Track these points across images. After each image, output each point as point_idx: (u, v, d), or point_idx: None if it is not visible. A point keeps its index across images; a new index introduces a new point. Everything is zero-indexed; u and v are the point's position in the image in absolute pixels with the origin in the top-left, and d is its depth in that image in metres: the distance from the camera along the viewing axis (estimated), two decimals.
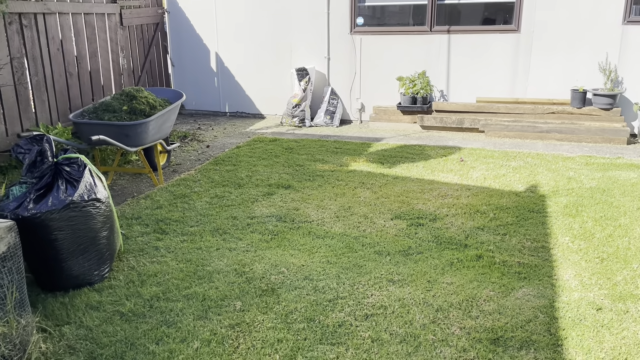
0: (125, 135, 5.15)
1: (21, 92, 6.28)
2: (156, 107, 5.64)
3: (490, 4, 7.55)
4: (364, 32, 8.04)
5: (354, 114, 8.45)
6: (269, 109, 8.96)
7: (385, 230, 4.14)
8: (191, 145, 7.30)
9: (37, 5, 6.40)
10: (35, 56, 6.46)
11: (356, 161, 6.12)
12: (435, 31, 7.66)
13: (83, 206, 3.38)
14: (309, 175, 5.60)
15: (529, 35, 7.26)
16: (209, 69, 9.13)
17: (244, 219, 4.41)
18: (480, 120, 7.26)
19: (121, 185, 5.64)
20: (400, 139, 7.28)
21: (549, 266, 3.53)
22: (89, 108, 5.53)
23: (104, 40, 7.63)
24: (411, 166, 5.88)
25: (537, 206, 4.59)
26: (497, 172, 5.59)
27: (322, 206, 4.67)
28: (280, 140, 7.27)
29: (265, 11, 8.48)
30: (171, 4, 9.04)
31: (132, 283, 3.40)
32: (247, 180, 5.50)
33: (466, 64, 7.63)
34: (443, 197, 4.84)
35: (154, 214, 4.57)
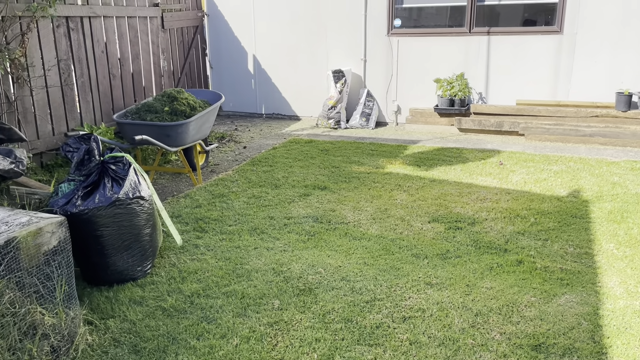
0: (166, 136, 5.27)
1: (67, 93, 6.51)
2: (196, 109, 5.75)
3: (531, 5, 7.41)
4: (401, 33, 8.01)
5: (390, 116, 8.42)
6: (304, 111, 9.02)
7: (423, 233, 4.11)
8: (228, 146, 7.41)
9: (84, 9, 6.62)
10: (81, 58, 6.68)
11: (392, 163, 6.10)
12: (475, 32, 7.57)
13: (128, 204, 3.48)
14: (345, 176, 5.61)
15: (572, 36, 7.09)
16: (246, 71, 9.25)
17: (281, 219, 4.45)
18: (520, 123, 7.12)
19: (161, 184, 5.78)
20: (437, 141, 7.21)
21: (593, 273, 3.44)
22: (131, 109, 5.69)
23: (145, 43, 7.83)
24: (449, 169, 5.82)
25: (580, 211, 4.47)
26: (538, 176, 5.48)
27: (358, 208, 4.68)
28: (315, 141, 7.31)
29: (303, 14, 8.54)
30: (210, 8, 9.20)
31: (174, 279, 3.48)
32: (284, 181, 5.55)
33: (506, 65, 7.51)
34: (482, 201, 4.78)
35: (194, 213, 4.66)
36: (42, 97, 6.17)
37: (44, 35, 6.13)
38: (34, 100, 6.06)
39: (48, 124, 6.26)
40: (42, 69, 6.13)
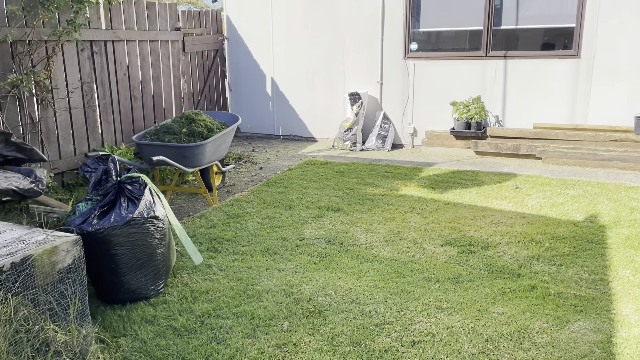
0: (183, 157, 5.37)
1: (89, 114, 6.69)
2: (213, 130, 5.86)
3: (548, 29, 7.42)
4: (418, 57, 8.07)
5: (406, 139, 8.44)
6: (321, 133, 9.10)
7: (435, 257, 4.09)
8: (245, 167, 7.49)
9: (108, 34, 6.83)
10: (103, 81, 6.88)
11: (407, 186, 6.10)
12: (491, 56, 7.59)
13: (142, 223, 3.54)
14: (359, 198, 5.63)
15: (590, 60, 7.07)
16: (264, 94, 9.39)
17: (293, 240, 4.48)
18: (537, 147, 7.08)
19: (178, 204, 5.86)
20: (453, 164, 7.20)
21: (608, 300, 3.38)
22: (150, 130, 5.82)
23: (166, 66, 8.03)
24: (463, 192, 5.80)
25: (597, 237, 4.41)
26: (554, 200, 5.42)
27: (371, 230, 4.68)
28: (331, 163, 7.35)
29: (320, 37, 8.68)
30: (231, 31, 9.41)
31: (185, 299, 3.51)
32: (298, 202, 5.59)
33: (523, 89, 7.50)
34: (496, 225, 4.74)
35: (208, 233, 4.72)
36: (65, 118, 6.35)
37: (69, 59, 6.34)
38: (57, 121, 6.24)
39: (70, 144, 6.43)
40: (66, 91, 6.32)
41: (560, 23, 7.25)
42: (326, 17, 8.57)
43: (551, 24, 7.33)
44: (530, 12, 7.39)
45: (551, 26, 7.37)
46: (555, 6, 7.26)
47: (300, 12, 8.77)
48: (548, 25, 7.36)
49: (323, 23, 8.61)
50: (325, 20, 8.59)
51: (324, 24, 8.61)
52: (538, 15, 7.36)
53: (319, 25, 8.65)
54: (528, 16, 7.41)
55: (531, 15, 7.40)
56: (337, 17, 8.48)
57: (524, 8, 7.40)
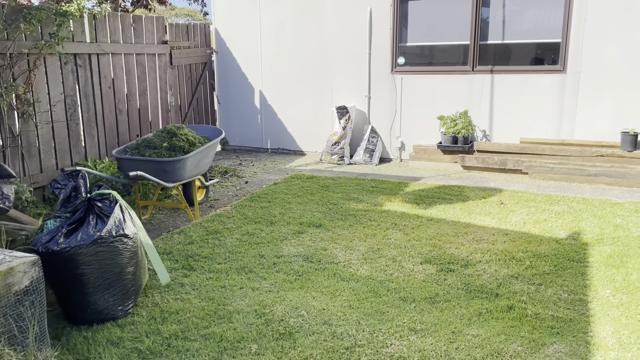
0: (163, 171, 5.30)
1: (72, 128, 6.63)
2: (195, 144, 5.80)
3: (535, 44, 7.41)
4: (405, 71, 8.05)
5: (394, 153, 8.39)
6: (309, 146, 9.05)
7: (413, 275, 4.01)
8: (230, 181, 7.42)
9: (92, 47, 6.79)
10: (87, 94, 6.82)
11: (391, 201, 6.04)
12: (478, 71, 7.57)
13: (111, 242, 3.46)
14: (342, 214, 5.56)
15: (576, 75, 7.05)
16: (253, 107, 9.35)
17: (270, 258, 4.40)
18: (524, 162, 7.03)
19: (159, 220, 5.78)
20: (440, 179, 7.14)
21: (585, 321, 3.30)
22: (131, 144, 5.75)
23: (153, 79, 7.98)
24: (448, 208, 5.73)
25: (578, 255, 4.34)
26: (539, 216, 5.36)
27: (350, 247, 4.61)
28: (317, 177, 7.29)
29: (308, 52, 8.66)
30: (219, 45, 9.39)
31: (154, 320, 3.42)
32: (280, 217, 5.51)
33: (510, 104, 7.47)
34: (478, 242, 4.67)
35: (185, 250, 4.63)
36: (47, 132, 6.29)
37: (52, 72, 6.29)
38: (39, 134, 6.17)
39: (52, 158, 6.36)
40: (48, 104, 6.27)
41: (546, 38, 7.24)
42: (314, 32, 8.56)
43: (538, 39, 7.32)
44: (517, 27, 7.39)
45: (538, 41, 7.36)
46: (541, 21, 7.26)
47: (288, 26, 8.76)
48: (534, 40, 7.36)
49: (311, 37, 8.60)
50: (313, 35, 8.58)
51: (312, 38, 8.60)
52: (525, 30, 7.36)
53: (307, 40, 8.64)
54: (515, 31, 7.41)
55: (518, 30, 7.39)
56: (325, 32, 8.48)
57: (511, 23, 7.40)
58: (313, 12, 8.50)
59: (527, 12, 7.30)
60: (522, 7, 7.32)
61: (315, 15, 8.50)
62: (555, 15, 7.09)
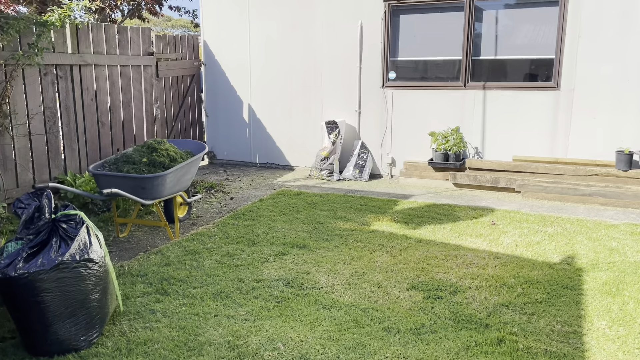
0: (142, 188, 5.08)
1: (52, 141, 6.40)
2: (176, 160, 5.58)
3: (528, 60, 7.27)
4: (396, 86, 7.89)
5: (384, 169, 8.20)
6: (298, 161, 8.85)
7: (399, 303, 3.80)
8: (215, 197, 7.20)
9: (74, 58, 6.59)
10: (68, 106, 6.61)
11: (379, 220, 5.83)
12: (470, 87, 7.42)
13: (74, 267, 3.23)
14: (327, 234, 5.35)
15: (569, 92, 6.90)
16: (242, 120, 9.16)
17: (249, 282, 4.17)
18: (516, 180, 6.85)
19: (137, 238, 5.55)
20: (430, 196, 6.95)
21: (580, 356, 3.09)
22: (110, 159, 5.53)
23: (138, 91, 7.79)
24: (437, 228, 5.53)
25: (572, 281, 4.14)
26: (531, 238, 5.16)
27: (334, 270, 4.39)
28: (304, 194, 7.08)
29: (298, 65, 8.50)
30: (208, 57, 9.22)
31: (119, 351, 3.19)
32: (263, 237, 5.29)
33: (502, 121, 7.31)
34: (468, 266, 4.46)
35: (160, 272, 4.40)
36: (24, 145, 6.07)
37: (30, 83, 6.08)
38: (15, 148, 5.95)
39: (29, 172, 6.13)
40: (26, 117, 6.05)
41: (540, 54, 7.11)
42: (304, 45, 8.41)
43: (531, 55, 7.19)
44: (510, 43, 7.25)
45: (531, 57, 7.22)
46: (535, 37, 7.13)
47: (278, 39, 8.60)
48: (528, 56, 7.22)
49: (301, 50, 8.44)
50: (302, 48, 8.42)
51: (301, 52, 8.44)
52: (518, 45, 7.22)
53: (297, 53, 8.48)
54: (508, 47, 7.27)
55: (511, 45, 7.26)
56: (315, 45, 8.32)
57: (504, 38, 7.26)
58: (303, 25, 8.35)
59: (521, 28, 7.17)
60: (516, 22, 7.19)
61: (305, 28, 8.35)
62: (549, 32, 6.96)
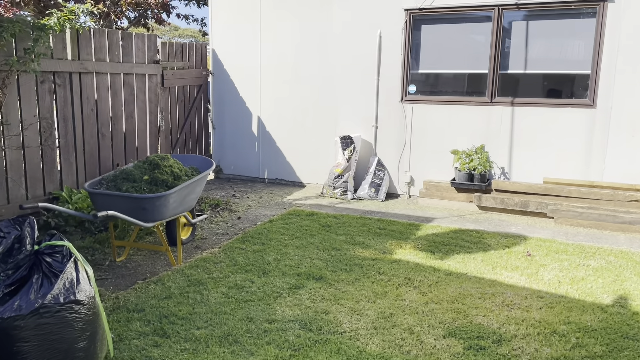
0: (142, 209, 4.58)
1: (47, 154, 5.93)
2: (181, 177, 5.09)
3: (560, 75, 6.78)
4: (416, 100, 7.40)
5: (402, 188, 7.69)
6: (309, 178, 8.35)
7: (436, 354, 3.26)
8: (221, 216, 6.70)
9: (74, 65, 6.14)
10: (66, 116, 6.15)
11: (402, 247, 5.31)
12: (497, 102, 6.92)
13: (57, 310, 2.73)
14: (346, 263, 4.82)
15: (606, 111, 6.39)
16: (250, 133, 8.69)
17: (261, 323, 3.65)
18: (548, 205, 6.32)
19: (136, 263, 5.04)
20: (454, 220, 6.42)
21: None
22: (108, 176, 5.05)
23: (142, 101, 7.32)
24: (467, 258, 5.00)
25: (632, 329, 3.60)
26: (574, 273, 4.63)
27: (357, 310, 3.86)
28: (318, 214, 6.57)
29: (311, 76, 8.03)
30: (216, 66, 8.77)
31: None
32: (274, 265, 4.78)
33: (531, 140, 6.80)
34: (509, 307, 3.93)
35: (160, 307, 3.89)
36: (17, 158, 5.59)
37: (25, 91, 5.62)
38: (7, 161, 5.48)
39: (21, 187, 5.65)
40: (20, 127, 5.59)
41: (573, 69, 6.61)
42: (318, 55, 7.94)
43: (564, 69, 6.69)
44: (541, 56, 6.76)
45: (564, 72, 6.72)
46: (568, 51, 6.65)
47: (290, 49, 8.14)
48: (560, 70, 6.73)
49: (315, 61, 7.98)
50: (317, 58, 7.96)
51: (316, 62, 7.97)
52: (550, 59, 6.73)
53: (311, 63, 8.01)
54: (538, 60, 6.78)
55: (542, 59, 6.76)
56: (330, 56, 7.85)
57: (534, 52, 6.77)
58: (318, 34, 7.90)
59: (553, 41, 6.68)
60: (548, 34, 6.71)
61: (320, 38, 7.90)
62: (584, 45, 6.47)
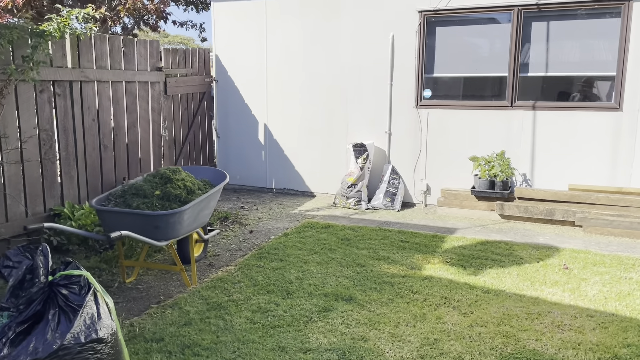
0: (154, 227, 4.25)
1: (47, 167, 5.58)
2: (194, 192, 4.76)
3: (584, 77, 6.53)
4: (432, 105, 7.13)
5: (418, 196, 7.40)
6: (319, 187, 8.04)
7: None
8: (232, 230, 6.36)
9: (74, 73, 5.80)
10: (67, 127, 5.80)
11: (430, 262, 5.00)
12: (517, 107, 6.66)
13: (78, 352, 2.40)
14: (375, 281, 4.51)
15: (634, 113, 6.15)
16: (257, 142, 8.36)
17: (295, 353, 3.32)
18: (575, 213, 6.06)
19: (147, 284, 4.69)
20: (478, 231, 6.13)
21: None
22: (116, 191, 4.71)
23: (144, 110, 6.98)
24: (502, 273, 4.71)
25: None
26: (619, 288, 4.35)
27: (398, 336, 3.54)
28: (334, 226, 6.25)
29: (321, 82, 7.74)
30: (220, 73, 8.45)
31: None
32: (298, 285, 4.46)
33: (554, 145, 6.54)
34: (560, 329, 3.63)
35: (181, 335, 3.55)
36: (16, 173, 5.23)
37: (23, 102, 5.27)
38: (5, 176, 5.12)
39: (20, 204, 5.29)
40: (18, 140, 5.23)
41: (598, 71, 6.37)
42: (327, 60, 7.65)
43: (588, 71, 6.45)
44: (563, 58, 6.51)
45: (588, 74, 6.48)
46: (592, 52, 6.41)
47: (298, 53, 7.84)
48: (584, 73, 6.48)
49: (324, 66, 7.68)
50: (326, 63, 7.66)
51: (324, 67, 7.68)
52: (572, 61, 6.49)
53: (320, 69, 7.72)
54: (560, 62, 6.52)
55: (564, 61, 6.51)
56: (340, 60, 7.56)
57: (556, 53, 6.51)
58: (327, 38, 7.61)
59: (576, 42, 6.44)
60: (570, 35, 6.46)
61: (329, 42, 7.60)
62: (609, 46, 6.23)
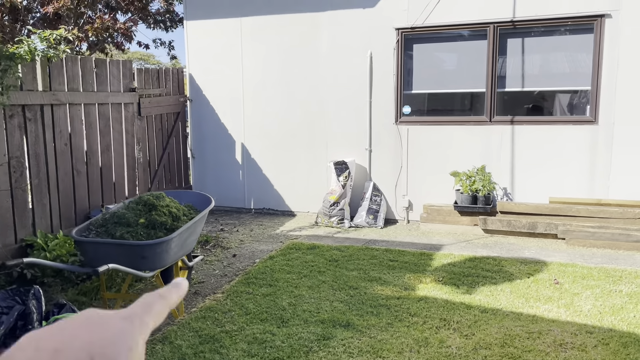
0: (141, 257, 4.05)
1: (18, 196, 5.28)
2: (180, 218, 4.58)
3: (560, 92, 6.67)
4: (412, 121, 7.15)
5: (400, 213, 7.38)
6: (300, 206, 7.93)
7: None
8: (214, 254, 6.17)
9: (45, 96, 5.55)
10: (38, 153, 5.52)
11: (422, 282, 4.95)
12: (496, 121, 6.74)
13: None
14: (370, 304, 4.42)
15: (609, 127, 6.31)
16: (234, 161, 8.20)
17: None
18: (557, 225, 6.14)
19: None
20: (464, 246, 6.14)
21: None
22: (97, 220, 4.48)
23: (118, 133, 6.75)
24: (495, 291, 4.69)
25: None
26: (611, 302, 4.39)
27: None
28: (319, 247, 6.14)
29: (300, 100, 7.67)
30: (194, 92, 8.28)
31: None
32: (291, 311, 4.32)
33: (533, 159, 6.64)
34: (563, 348, 3.62)
35: None
36: None
37: None
38: None
39: None
40: None
41: (573, 85, 6.53)
42: (306, 78, 7.59)
43: (563, 86, 6.60)
44: (540, 73, 6.64)
45: (564, 89, 6.63)
46: (567, 67, 6.56)
47: (276, 71, 7.76)
48: (560, 87, 6.63)
49: (303, 84, 7.62)
50: (305, 81, 7.61)
51: (304, 85, 7.62)
52: (549, 76, 6.63)
53: (299, 86, 7.65)
54: (537, 78, 6.66)
55: (541, 76, 6.65)
56: (319, 78, 7.52)
57: (533, 68, 6.64)
58: (305, 55, 7.56)
59: (551, 57, 6.59)
60: (545, 51, 6.60)
61: (307, 59, 7.55)
62: (583, 61, 6.39)
